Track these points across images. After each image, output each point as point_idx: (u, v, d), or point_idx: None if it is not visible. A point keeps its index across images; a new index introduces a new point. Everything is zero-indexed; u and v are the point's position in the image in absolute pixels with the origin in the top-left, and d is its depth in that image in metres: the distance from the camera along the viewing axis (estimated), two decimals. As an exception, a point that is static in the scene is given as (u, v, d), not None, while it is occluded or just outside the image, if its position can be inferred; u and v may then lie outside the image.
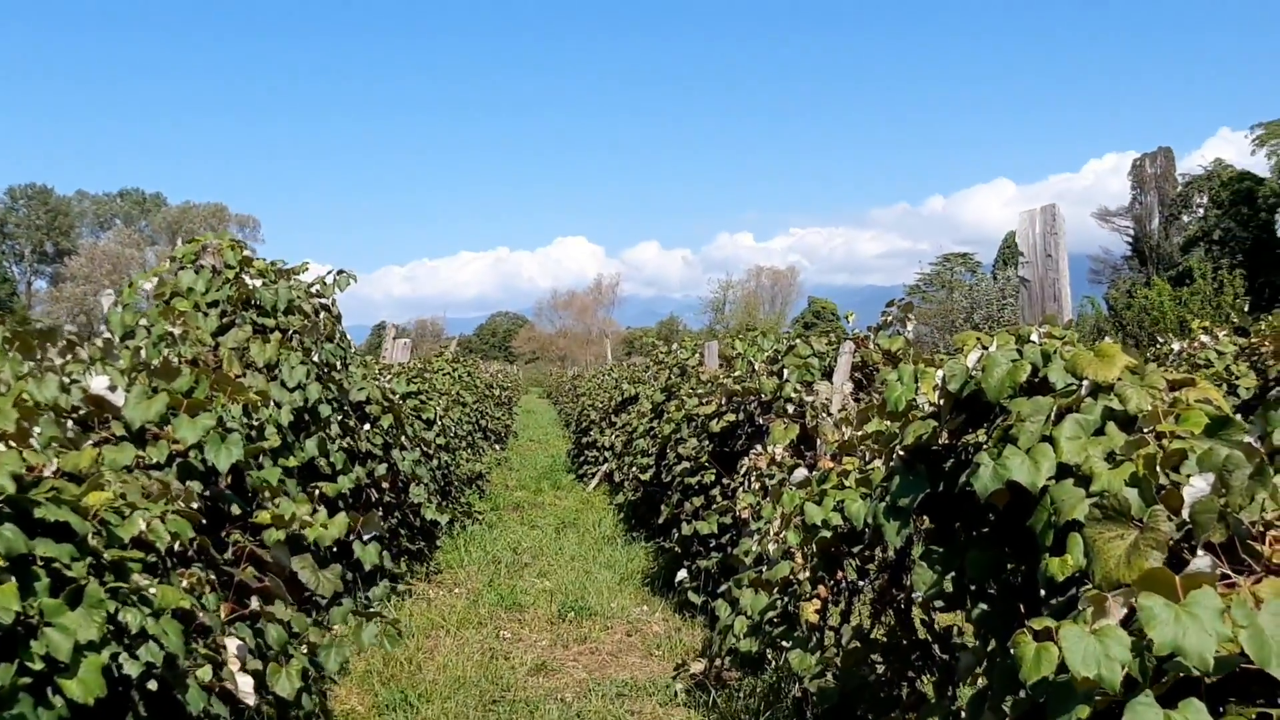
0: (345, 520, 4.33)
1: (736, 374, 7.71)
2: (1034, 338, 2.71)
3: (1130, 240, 78.90)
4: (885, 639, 4.36)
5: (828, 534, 3.95)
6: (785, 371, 5.99)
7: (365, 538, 4.56)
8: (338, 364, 6.59)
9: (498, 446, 21.11)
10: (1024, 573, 2.67)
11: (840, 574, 4.46)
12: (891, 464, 3.16)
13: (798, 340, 6.25)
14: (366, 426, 7.40)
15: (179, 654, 3.00)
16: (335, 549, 4.80)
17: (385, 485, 7.69)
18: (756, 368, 7.22)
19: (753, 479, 5.48)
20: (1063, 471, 2.38)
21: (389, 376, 8.21)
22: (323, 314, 6.76)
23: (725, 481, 7.82)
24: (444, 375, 17.21)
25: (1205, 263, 40.54)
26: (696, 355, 11.09)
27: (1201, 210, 73.37)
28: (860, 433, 4.25)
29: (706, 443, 7.90)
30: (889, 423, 3.34)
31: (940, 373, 2.85)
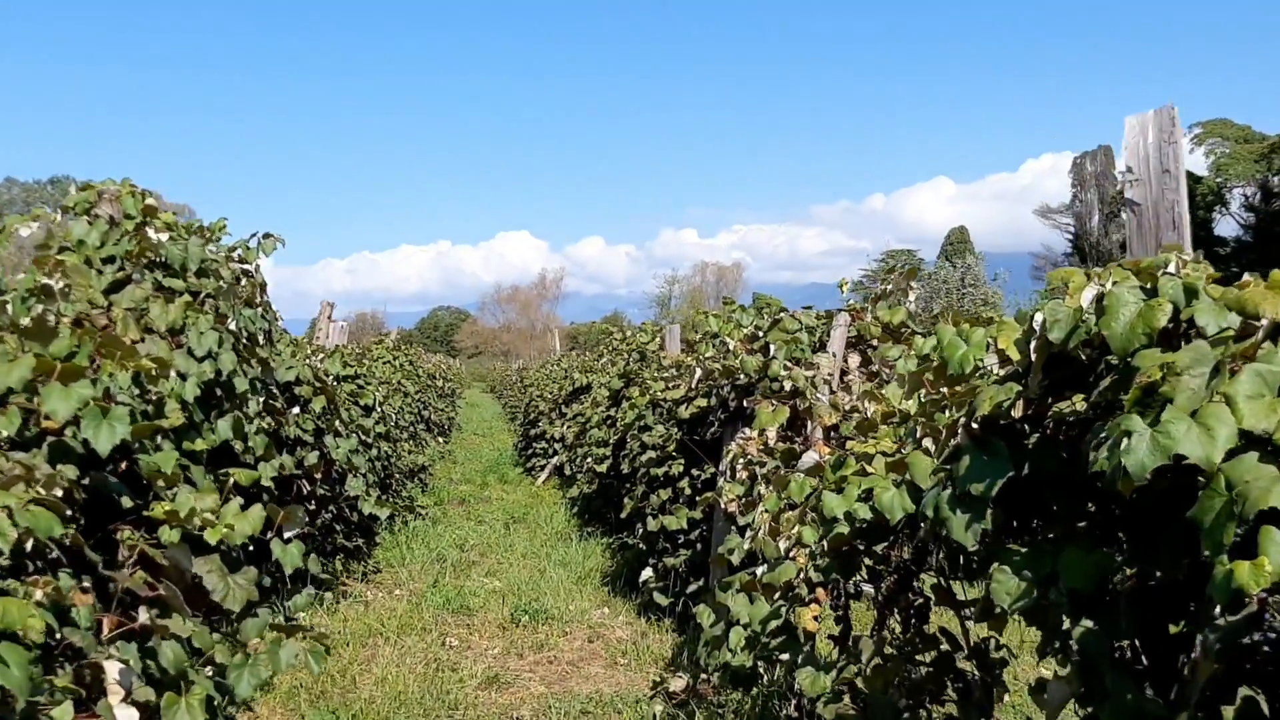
0: (261, 515, 3.56)
1: (709, 354, 7.02)
2: (1170, 268, 2.04)
3: (1071, 237, 79.90)
4: (903, 651, 3.71)
5: (845, 529, 3.27)
6: (772, 348, 5.31)
7: (286, 536, 3.80)
8: (260, 336, 5.79)
9: (441, 439, 20.26)
10: (1168, 579, 2.00)
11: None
12: (956, 442, 2.49)
13: (784, 314, 5.58)
14: (296, 410, 6.60)
15: (18, 689, 2.23)
16: (253, 549, 4.03)
17: (317, 476, 6.90)
18: (732, 346, 6.54)
19: (739, 467, 4.81)
20: (1243, 444, 1.72)
21: (322, 357, 7.41)
22: (244, 280, 5.96)
23: (695, 472, 7.14)
24: (384, 363, 16.38)
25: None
26: (657, 339, 10.40)
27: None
28: (880, 409, 3.58)
29: (675, 430, 7.21)
30: (944, 390, 2.66)
31: (1039, 317, 2.17)
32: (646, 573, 7.25)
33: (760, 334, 5.90)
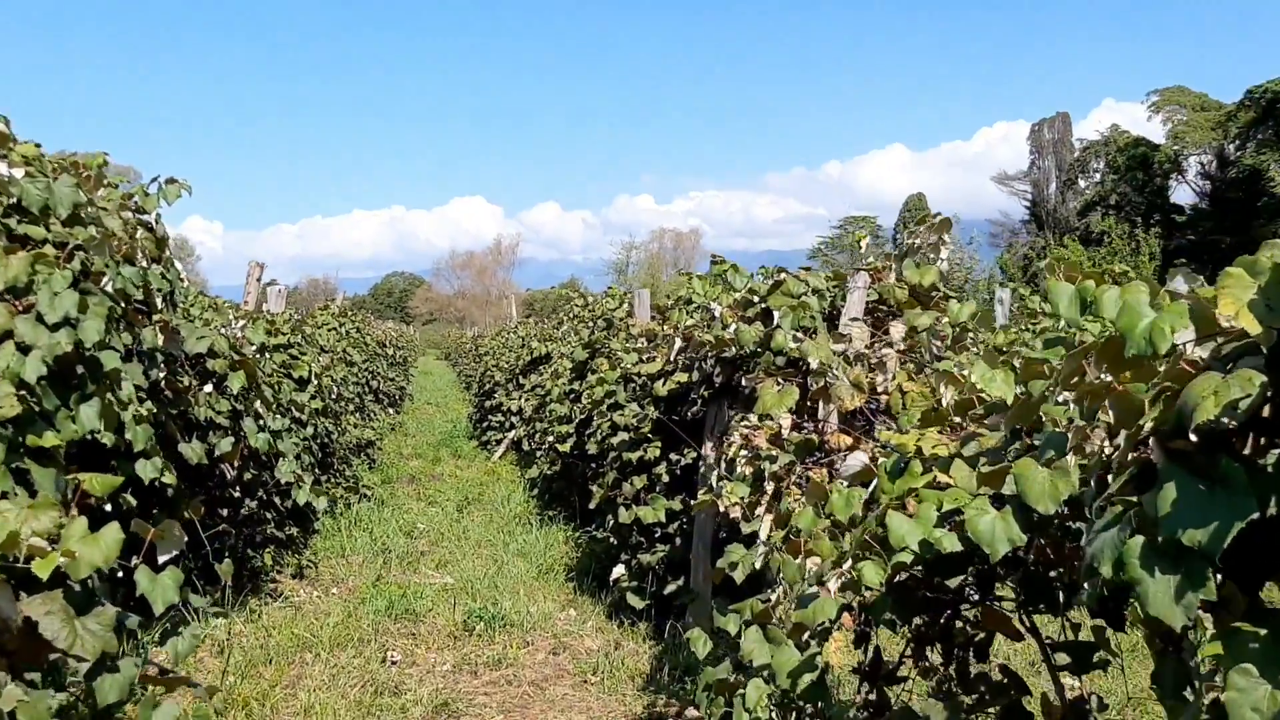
0: (117, 539, 2.64)
1: (690, 323, 6.13)
2: None
3: (1028, 204, 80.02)
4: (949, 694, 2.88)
5: (906, 558, 2.40)
6: (776, 315, 4.43)
7: (161, 559, 2.88)
8: (159, 300, 4.82)
9: (391, 410, 19.24)
10: None
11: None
12: (1138, 457, 1.62)
13: (786, 275, 4.70)
14: (208, 388, 5.63)
15: None
16: (119, 573, 3.10)
17: (236, 463, 5.94)
18: (719, 313, 5.65)
19: (742, 461, 3.93)
20: None
21: (241, 324, 6.42)
22: (141, 233, 4.97)
23: (674, 457, 6.27)
24: (329, 330, 15.34)
25: (1120, 223, 40.40)
26: (624, 306, 9.48)
27: (1098, 175, 74.44)
28: (957, 397, 2.71)
29: (651, 408, 6.32)
30: (1106, 376, 1.79)
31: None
32: (618, 570, 6.39)
33: (757, 299, 5.01)
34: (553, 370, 11.42)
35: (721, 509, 3.86)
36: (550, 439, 9.82)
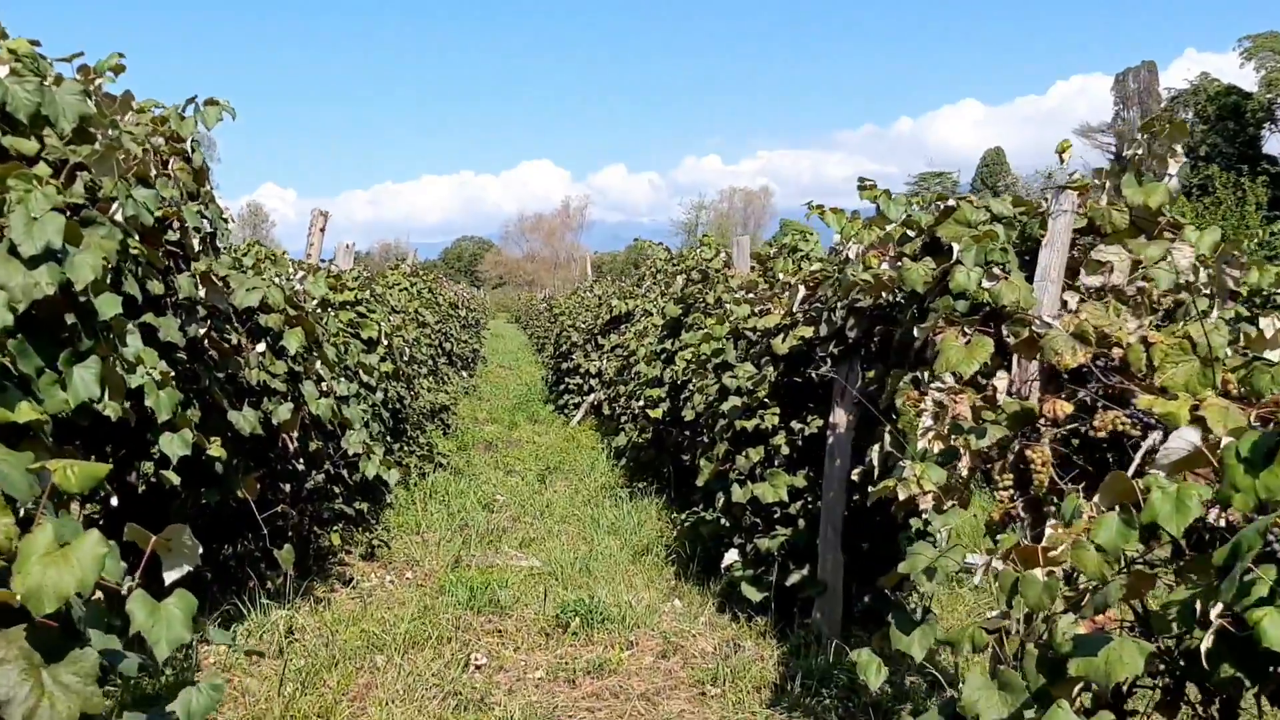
0: (98, 555, 1.83)
1: (815, 268, 5.21)
2: None
3: (1112, 156, 77.29)
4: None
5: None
6: (956, 249, 3.49)
7: (169, 577, 2.09)
8: (196, 241, 4.04)
9: (465, 374, 18.59)
10: None
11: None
12: None
13: (959, 202, 3.76)
14: (261, 347, 4.86)
15: None
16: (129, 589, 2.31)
17: (295, 433, 5.18)
18: (854, 254, 4.73)
19: (929, 436, 3.02)
20: None
21: (300, 275, 5.61)
22: (174, 162, 4.19)
23: (795, 426, 5.38)
24: (400, 290, 14.67)
25: (1226, 173, 38.25)
26: (721, 255, 8.56)
27: (1187, 125, 71.29)
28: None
29: (770, 368, 5.43)
30: None
31: None
32: (731, 556, 5.53)
33: (913, 233, 4.07)
34: (636, 329, 10.56)
35: (902, 497, 2.96)
36: (638, 404, 8.99)
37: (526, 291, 59.48)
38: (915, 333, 3.47)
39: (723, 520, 5.62)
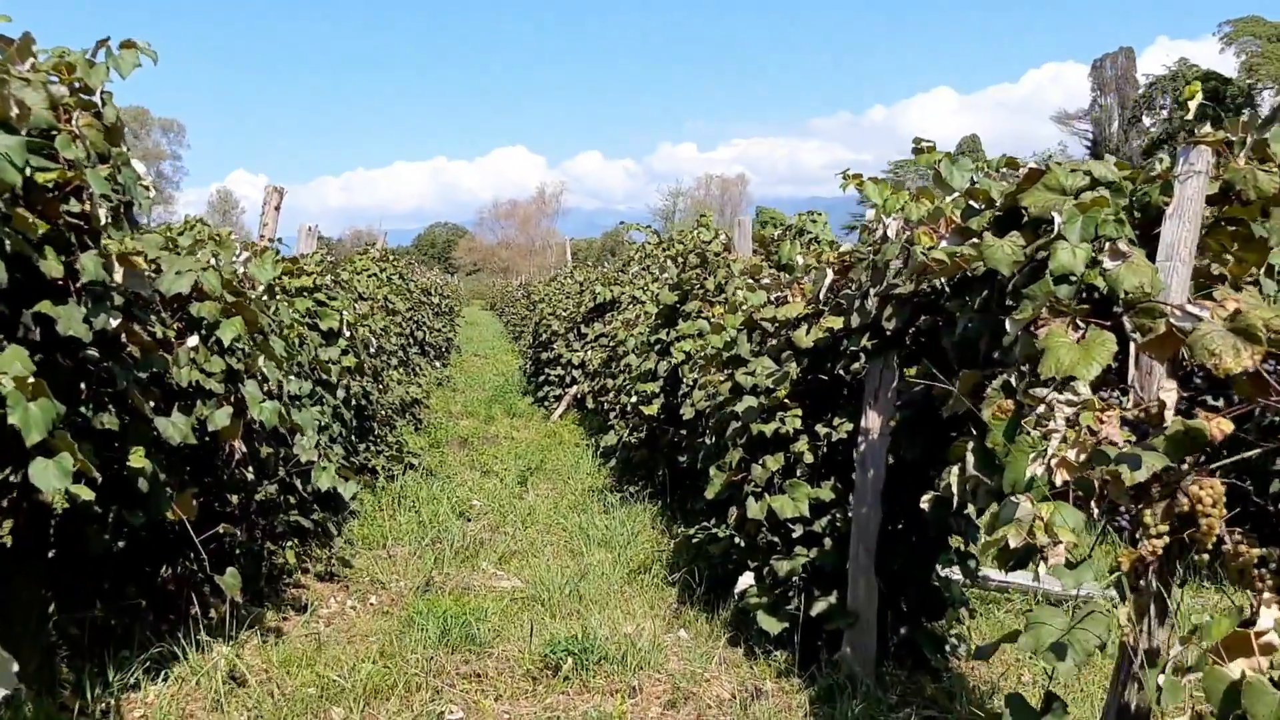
0: None
1: (846, 249, 4.48)
2: None
3: (1089, 144, 77.38)
4: None
5: None
6: (1057, 221, 2.76)
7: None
8: (103, 214, 3.26)
9: (438, 364, 17.79)
10: None
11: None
12: None
13: (1048, 164, 3.03)
14: (193, 341, 4.07)
15: None
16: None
17: (237, 441, 4.41)
18: (894, 231, 4.00)
19: (1055, 459, 2.28)
20: None
21: (245, 257, 4.80)
22: (80, 117, 3.40)
23: (820, 430, 4.65)
24: (369, 276, 13.86)
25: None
26: (720, 238, 7.82)
27: (1165, 111, 71.12)
28: None
29: (792, 365, 4.69)
30: None
31: None
32: (745, 580, 4.81)
33: (980, 205, 3.34)
34: (624, 318, 9.81)
35: (1015, 544, 2.23)
36: (628, 398, 8.24)
37: (501, 278, 58.59)
38: (1008, 326, 2.73)
39: (736, 539, 4.90)
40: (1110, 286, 2.61)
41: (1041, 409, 2.33)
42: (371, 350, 8.68)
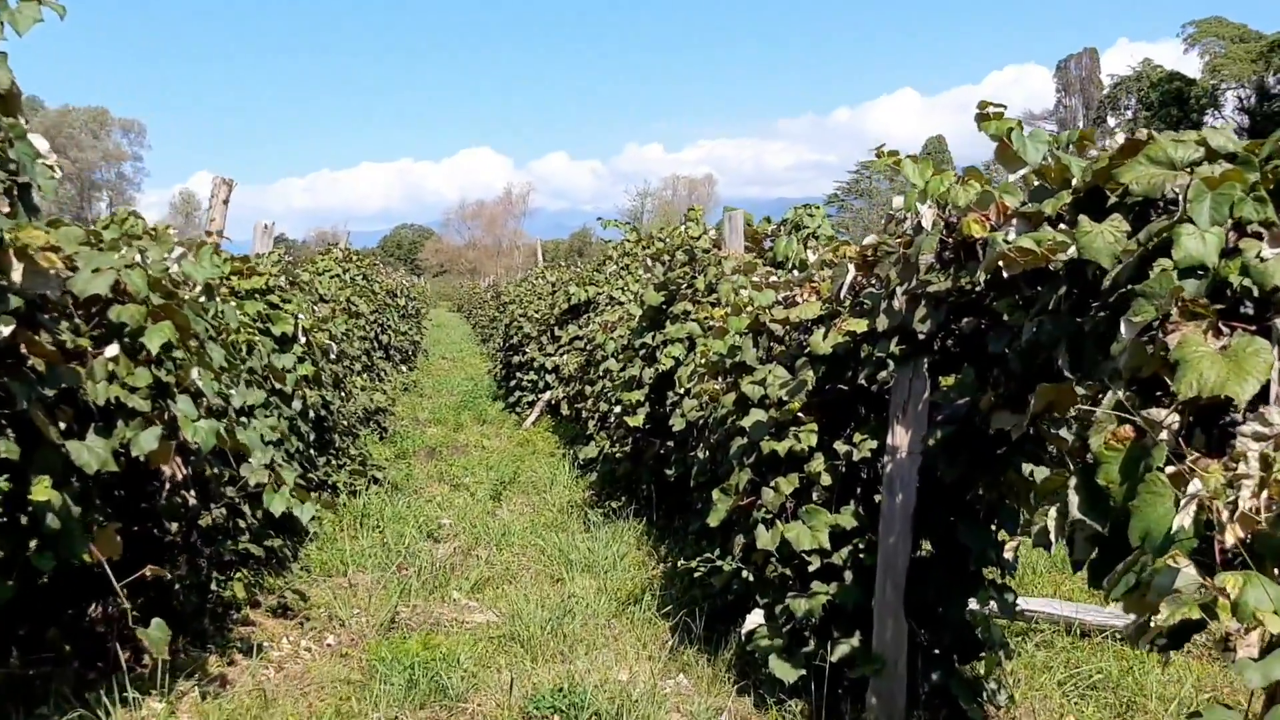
0: None
1: (870, 240, 3.91)
2: None
3: (1056, 145, 77.45)
4: None
5: None
6: (1182, 201, 2.21)
7: None
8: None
9: (404, 368, 17.13)
10: None
11: None
12: None
13: (1150, 133, 2.49)
14: (112, 350, 3.45)
15: None
16: None
17: (167, 466, 3.79)
18: (927, 221, 3.46)
19: (1234, 516, 1.73)
20: None
21: (179, 253, 4.16)
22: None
23: (839, 448, 4.09)
24: (331, 277, 13.21)
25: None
26: (709, 233, 7.26)
27: (1130, 112, 71.43)
28: None
29: (808, 373, 4.13)
30: None
31: None
32: (755, 619, 4.25)
33: (1042, 183, 2.79)
34: (602, 320, 9.23)
35: (1198, 617, 1.67)
36: (609, 407, 7.66)
37: (469, 279, 57.87)
38: (1122, 330, 2.17)
39: (743, 571, 4.33)
40: (1258, 282, 2.06)
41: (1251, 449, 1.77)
42: (332, 356, 8.05)
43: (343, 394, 9.19)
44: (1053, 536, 2.26)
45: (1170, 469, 1.96)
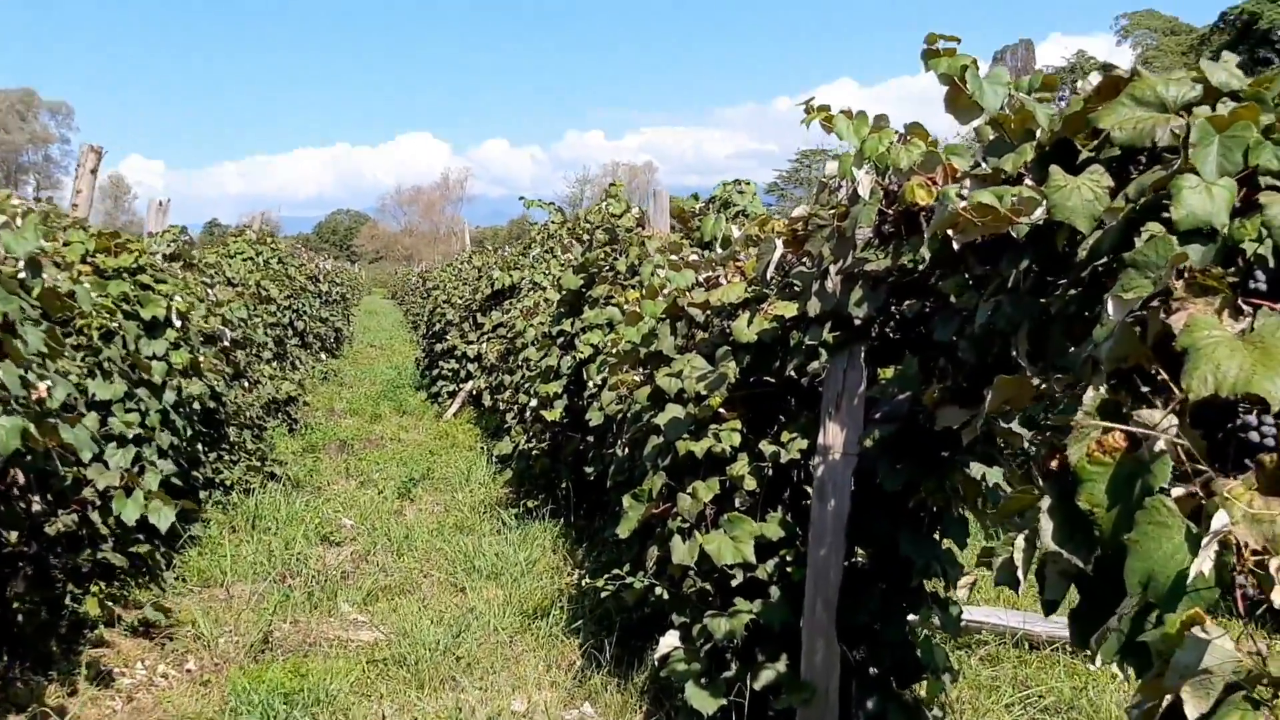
0: None
1: (800, 212, 3.43)
2: None
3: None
4: None
5: None
6: (1191, 145, 1.75)
7: None
8: None
9: (325, 356, 16.41)
10: None
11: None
12: None
13: (1135, 70, 2.03)
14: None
15: None
16: None
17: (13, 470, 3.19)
18: (865, 189, 2.98)
19: (1250, 555, 1.30)
20: None
21: (2, 220, 3.52)
22: None
23: (764, 449, 3.60)
24: (243, 260, 12.52)
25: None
26: (632, 212, 6.74)
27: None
28: None
29: (730, 364, 3.64)
30: None
31: None
32: (670, 641, 3.74)
33: (1016, 142, 2.32)
34: (523, 305, 8.68)
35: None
36: (528, 399, 7.13)
37: (405, 266, 56.81)
38: (1110, 309, 1.70)
39: (657, 588, 3.83)
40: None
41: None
42: (225, 342, 7.40)
43: (247, 383, 8.54)
44: (1020, 571, 1.79)
45: (1177, 490, 1.49)
